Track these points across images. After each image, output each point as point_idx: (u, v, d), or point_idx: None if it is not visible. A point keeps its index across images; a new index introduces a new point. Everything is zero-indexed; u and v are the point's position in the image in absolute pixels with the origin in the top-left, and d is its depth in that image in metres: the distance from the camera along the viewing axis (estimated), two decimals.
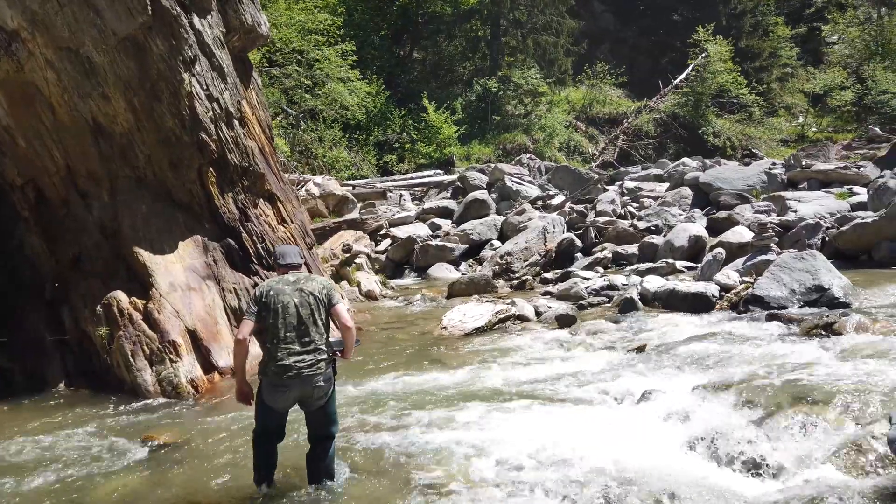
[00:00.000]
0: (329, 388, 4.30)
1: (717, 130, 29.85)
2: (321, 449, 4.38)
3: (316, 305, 4.26)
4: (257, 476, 4.42)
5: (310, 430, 4.41)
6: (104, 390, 7.08)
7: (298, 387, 4.18)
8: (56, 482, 4.81)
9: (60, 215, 7.68)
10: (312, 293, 4.28)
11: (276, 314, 4.20)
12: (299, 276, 4.41)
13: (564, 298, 10.10)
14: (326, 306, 4.31)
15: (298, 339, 4.19)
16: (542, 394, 5.93)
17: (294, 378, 4.14)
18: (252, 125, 8.91)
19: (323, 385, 4.24)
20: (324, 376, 4.24)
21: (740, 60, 31.27)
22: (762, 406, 4.67)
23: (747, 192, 14.96)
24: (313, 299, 4.26)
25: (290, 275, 4.40)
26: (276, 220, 8.95)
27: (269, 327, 4.22)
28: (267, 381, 4.23)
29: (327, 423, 4.37)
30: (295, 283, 4.32)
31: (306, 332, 4.20)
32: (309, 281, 4.37)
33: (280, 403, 4.27)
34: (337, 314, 4.32)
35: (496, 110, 27.75)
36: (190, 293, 7.43)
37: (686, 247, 11.61)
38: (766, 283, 8.21)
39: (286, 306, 4.22)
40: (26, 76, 7.07)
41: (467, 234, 15.20)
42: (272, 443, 4.42)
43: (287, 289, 4.28)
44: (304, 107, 22.13)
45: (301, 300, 4.24)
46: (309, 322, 4.22)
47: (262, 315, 4.24)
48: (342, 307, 4.38)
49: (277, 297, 4.24)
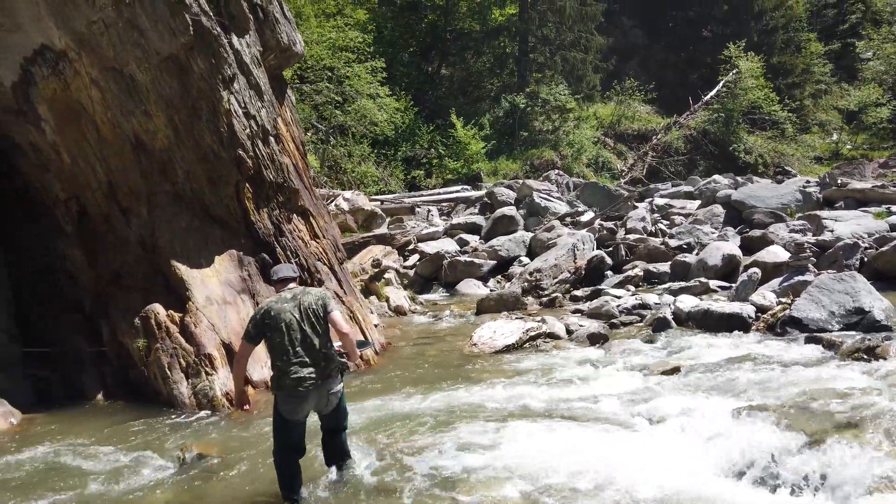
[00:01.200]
0: (339, 392, 4.60)
1: (748, 147, 29.51)
2: (334, 437, 4.73)
3: (316, 317, 4.47)
4: (284, 490, 4.50)
5: (323, 425, 4.72)
6: (140, 402, 7.20)
7: (315, 396, 4.42)
8: (92, 495, 4.88)
9: (102, 230, 7.86)
10: (310, 306, 4.49)
11: (282, 333, 4.39)
12: (295, 291, 4.60)
13: (595, 317, 10.01)
14: (323, 315, 4.49)
15: (307, 352, 4.39)
16: (575, 414, 5.87)
17: (310, 388, 4.37)
18: (287, 142, 9.05)
19: (334, 390, 4.52)
20: (334, 382, 4.52)
21: (772, 77, 30.95)
22: (805, 431, 4.57)
23: (781, 210, 14.73)
24: (311, 312, 4.47)
25: (286, 291, 4.60)
26: (309, 235, 9.05)
27: (277, 346, 4.39)
28: (283, 395, 4.41)
29: (340, 418, 4.70)
30: (293, 300, 4.50)
31: (313, 344, 4.41)
32: (305, 294, 4.56)
33: (298, 414, 4.46)
34: (333, 321, 4.52)
35: (524, 126, 27.81)
36: (226, 307, 7.54)
37: (719, 266, 11.44)
38: (804, 304, 8.05)
39: (289, 324, 4.41)
40: (72, 94, 7.29)
41: (495, 251, 15.16)
42: (294, 459, 4.53)
43: (287, 307, 4.47)
44: (333, 122, 22.43)
45: (302, 315, 4.45)
46: (313, 335, 4.43)
47: (266, 335, 4.44)
48: (337, 314, 4.57)
49: (280, 317, 4.42)
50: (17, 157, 7.73)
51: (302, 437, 4.56)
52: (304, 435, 4.59)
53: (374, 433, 5.71)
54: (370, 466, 4.96)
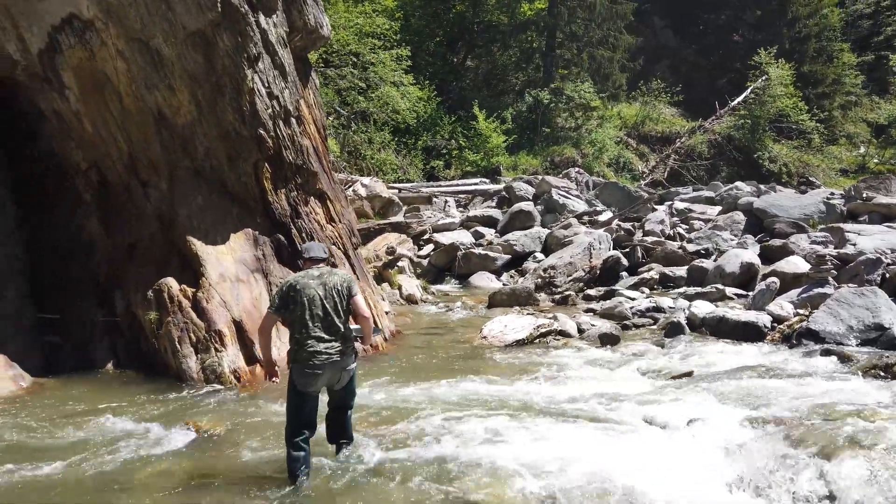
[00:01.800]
0: (352, 370, 4.77)
1: (773, 156, 29.08)
2: (340, 414, 4.87)
3: (338, 297, 4.63)
4: (291, 474, 4.48)
5: (331, 401, 4.85)
6: (150, 374, 7.24)
7: (329, 371, 4.57)
8: (99, 464, 4.90)
9: (120, 201, 7.90)
10: (335, 286, 4.65)
11: (304, 307, 4.54)
12: (322, 270, 4.76)
13: (608, 317, 9.92)
14: (346, 297, 4.66)
15: (326, 328, 4.55)
16: (582, 413, 5.81)
17: (325, 363, 4.53)
18: (308, 124, 9.03)
19: (348, 368, 4.70)
20: (349, 360, 4.69)
21: (802, 85, 30.43)
22: (817, 446, 4.48)
23: (804, 221, 14.51)
24: (336, 292, 4.63)
25: (314, 269, 4.76)
26: (325, 218, 9.04)
27: (298, 319, 4.55)
28: (298, 367, 4.55)
29: (348, 397, 4.87)
30: (319, 278, 4.67)
31: (332, 322, 4.57)
32: (331, 275, 4.72)
33: (312, 387, 4.59)
34: (355, 305, 4.69)
35: (546, 122, 27.59)
36: (238, 285, 7.55)
37: (737, 273, 11.29)
38: (822, 317, 7.92)
39: (312, 299, 4.56)
40: (97, 64, 7.30)
41: (511, 245, 15.10)
42: (305, 441, 4.54)
43: (312, 283, 4.63)
44: (356, 108, 22.39)
45: (325, 293, 4.61)
46: (333, 314, 4.59)
47: (289, 307, 4.58)
48: (360, 299, 4.75)
49: (304, 291, 4.58)
50: (41, 124, 7.77)
51: (314, 413, 4.66)
52: (317, 410, 4.69)
53: (377, 420, 5.69)
54: (370, 454, 4.94)
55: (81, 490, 4.50)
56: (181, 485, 4.60)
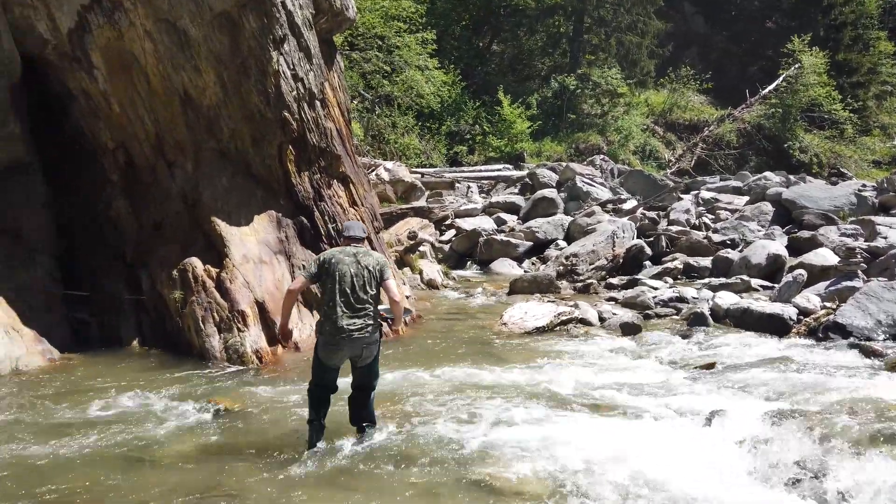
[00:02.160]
0: (375, 349, 4.85)
1: (804, 146, 28.44)
2: (362, 395, 4.96)
3: (369, 278, 4.73)
4: (311, 420, 4.81)
5: (354, 381, 4.95)
6: (174, 352, 7.36)
7: (349, 346, 4.71)
8: (121, 440, 5.00)
9: (147, 182, 7.99)
10: (367, 266, 4.76)
11: (335, 280, 4.69)
12: (359, 249, 4.87)
13: (630, 306, 9.84)
14: (378, 280, 4.76)
15: (352, 304, 4.68)
16: (601, 402, 5.78)
17: (346, 338, 4.66)
18: (332, 107, 9.03)
19: (371, 346, 4.79)
20: (371, 339, 4.78)
21: (836, 74, 29.65)
22: (841, 441, 4.40)
23: (834, 213, 14.20)
24: (367, 272, 4.74)
25: (351, 247, 4.88)
26: (348, 201, 9.06)
27: (328, 291, 4.72)
28: (322, 340, 4.76)
29: (370, 377, 4.95)
30: (354, 256, 4.79)
31: (358, 299, 4.69)
32: (366, 255, 4.84)
33: (333, 360, 4.78)
34: (388, 288, 4.78)
35: (572, 108, 27.30)
36: (261, 266, 7.61)
37: (763, 265, 11.11)
38: (849, 310, 7.76)
39: (343, 275, 4.69)
40: (125, 45, 7.36)
41: (533, 232, 15.02)
42: (325, 395, 4.89)
43: (347, 259, 4.76)
44: (380, 92, 22.34)
45: (357, 271, 4.72)
46: (361, 291, 4.70)
47: (322, 278, 4.76)
48: (392, 283, 4.83)
49: (337, 266, 4.72)
50: (70, 104, 7.87)
51: (334, 379, 4.89)
52: (336, 379, 4.90)
53: (396, 402, 5.72)
54: (389, 435, 4.98)
55: (107, 465, 4.60)
56: (203, 460, 4.68)
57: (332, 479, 4.36)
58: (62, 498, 4.11)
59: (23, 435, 5.04)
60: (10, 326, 6.98)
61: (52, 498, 4.10)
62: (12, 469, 4.47)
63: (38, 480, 4.31)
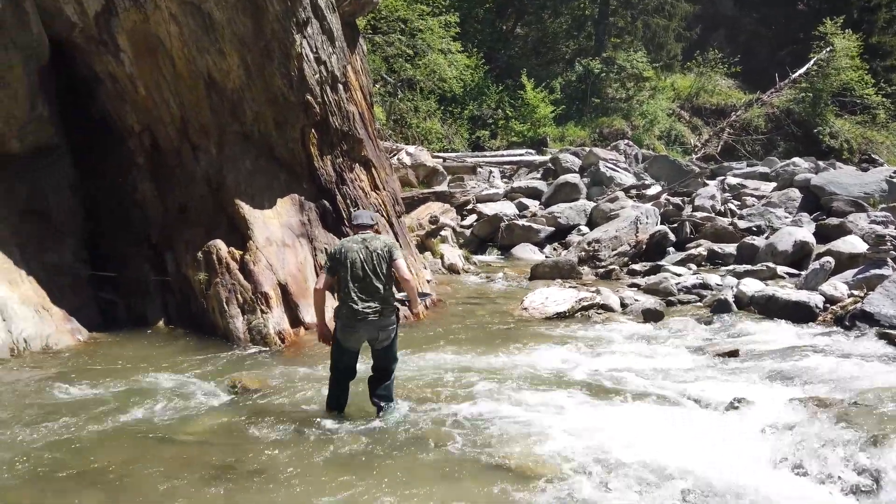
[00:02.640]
0: (392, 332, 5.00)
1: (834, 131, 27.79)
2: (381, 377, 5.11)
3: (378, 261, 4.89)
4: (329, 402, 5.12)
5: (374, 363, 5.13)
6: (199, 333, 7.48)
7: (365, 329, 4.90)
8: (145, 417, 5.11)
9: (172, 165, 8.08)
10: (376, 250, 4.92)
11: (347, 268, 4.89)
12: (367, 235, 5.06)
13: (652, 293, 9.76)
14: (388, 261, 4.91)
15: (365, 289, 4.86)
16: (622, 388, 5.76)
17: (362, 321, 4.85)
18: (355, 91, 9.03)
19: (387, 329, 4.95)
20: (387, 322, 4.94)
21: (869, 58, 28.84)
22: (867, 429, 4.34)
23: (864, 199, 13.89)
24: (376, 255, 4.90)
25: (359, 234, 5.08)
26: (370, 185, 9.08)
27: (341, 279, 4.92)
28: (340, 324, 4.97)
29: (388, 360, 5.09)
30: (363, 242, 4.97)
31: (371, 283, 4.86)
32: (374, 240, 5.01)
33: (350, 343, 4.98)
34: (397, 268, 4.93)
35: (596, 92, 26.96)
36: (284, 249, 7.68)
37: (790, 252, 10.93)
38: (878, 298, 7.61)
39: (354, 262, 4.88)
40: (151, 28, 7.41)
41: (555, 217, 14.93)
42: (344, 378, 5.09)
43: (356, 246, 4.95)
44: (402, 76, 22.27)
45: (366, 256, 4.90)
46: (373, 275, 4.87)
47: (336, 269, 4.94)
48: (402, 262, 4.97)
49: (348, 254, 4.91)
50: (97, 87, 7.97)
51: (351, 362, 5.08)
52: (355, 361, 5.10)
53: (416, 385, 5.76)
54: (408, 417, 5.03)
55: (130, 441, 4.70)
56: (225, 437, 4.77)
57: (352, 460, 4.42)
58: (85, 473, 4.21)
59: (49, 411, 5.17)
60: (40, 305, 7.15)
61: (75, 473, 4.20)
62: (38, 445, 4.59)
63: (62, 456, 4.43)
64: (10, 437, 4.70)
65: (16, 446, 4.54)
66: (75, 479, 4.13)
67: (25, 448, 4.51)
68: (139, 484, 4.05)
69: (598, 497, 3.91)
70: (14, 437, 4.68)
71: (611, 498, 3.91)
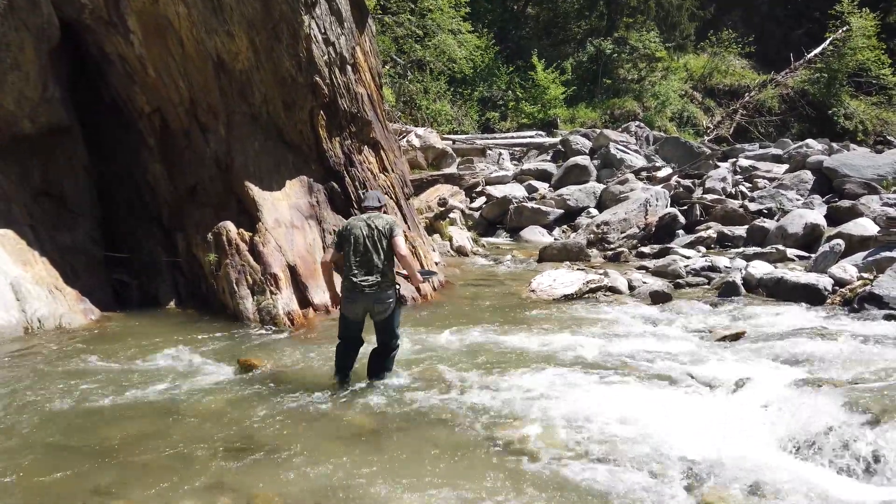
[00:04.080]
0: (390, 305, 5.26)
1: (849, 112, 27.44)
2: (382, 352, 5.43)
3: (379, 237, 5.19)
4: (337, 364, 5.46)
5: (377, 337, 5.42)
6: (209, 313, 7.58)
7: (363, 300, 5.20)
8: (155, 394, 5.20)
9: (182, 146, 8.13)
10: (377, 227, 5.21)
11: (350, 244, 5.21)
12: (372, 214, 5.36)
13: (661, 275, 9.76)
14: (388, 238, 5.19)
15: (364, 263, 5.17)
16: (627, 369, 5.79)
17: (359, 293, 5.17)
18: (363, 72, 9.01)
19: (384, 302, 5.22)
20: (384, 295, 5.21)
21: (887, 37, 28.35)
22: (872, 410, 4.34)
23: (877, 182, 13.73)
24: (377, 233, 5.19)
25: (365, 214, 5.39)
26: (378, 167, 9.10)
27: (346, 254, 5.24)
28: (343, 295, 5.34)
29: (388, 334, 5.36)
30: (367, 220, 5.28)
31: (370, 258, 5.16)
32: (378, 218, 5.29)
33: (351, 313, 5.30)
34: (395, 245, 5.20)
35: (608, 73, 26.73)
36: (293, 230, 7.73)
37: (800, 234, 10.87)
38: (887, 281, 7.58)
39: (356, 238, 5.20)
40: (160, 9, 7.42)
41: (564, 200, 14.91)
42: (349, 347, 5.42)
43: (359, 224, 5.27)
44: (412, 57, 22.16)
45: (368, 233, 5.20)
46: (373, 251, 5.16)
47: (342, 245, 5.27)
48: (400, 239, 5.24)
49: (352, 231, 5.25)
50: (107, 69, 8.00)
51: (355, 332, 5.39)
52: (359, 332, 5.41)
53: (424, 365, 5.82)
54: (416, 396, 5.10)
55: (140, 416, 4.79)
56: (234, 414, 4.84)
57: (361, 438, 4.49)
58: (96, 447, 4.30)
59: (62, 387, 5.28)
60: (54, 285, 7.26)
61: (87, 448, 4.29)
62: (50, 419, 4.70)
63: (74, 432, 4.52)
64: (22, 413, 4.80)
65: (26, 423, 4.64)
66: (87, 454, 4.22)
67: (37, 424, 4.62)
68: (150, 459, 4.14)
69: (602, 475, 3.95)
70: (24, 414, 4.79)
71: (615, 476, 3.96)
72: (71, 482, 3.86)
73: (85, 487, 3.79)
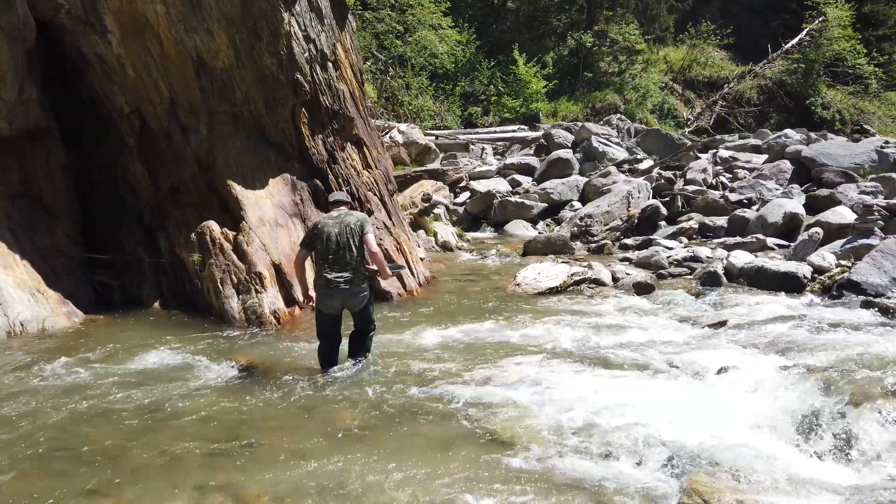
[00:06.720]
0: (364, 298, 5.48)
1: (826, 102, 27.81)
2: (361, 335, 5.69)
3: (351, 234, 5.36)
4: (321, 360, 5.60)
5: (354, 323, 5.67)
6: (194, 313, 7.55)
7: (339, 296, 5.38)
8: (142, 395, 5.16)
9: (162, 146, 8.07)
10: (349, 225, 5.38)
11: (323, 242, 5.39)
12: (342, 211, 5.55)
13: (644, 266, 9.86)
14: (359, 235, 5.37)
15: (337, 261, 5.34)
16: (611, 359, 5.86)
17: (335, 289, 5.34)
18: (345, 69, 8.99)
19: (358, 296, 5.43)
20: (358, 289, 5.41)
21: (861, 27, 28.78)
22: (850, 394, 4.45)
23: (854, 170, 13.97)
24: (349, 230, 5.36)
25: (334, 211, 5.56)
26: (362, 164, 9.09)
27: (319, 252, 5.42)
28: (318, 292, 5.49)
29: (364, 321, 5.63)
30: (337, 218, 5.45)
31: (343, 255, 5.34)
32: (348, 215, 5.47)
33: (327, 308, 5.46)
34: (366, 241, 5.38)
35: (588, 67, 26.86)
36: (277, 229, 7.72)
37: (780, 223, 11.04)
38: (864, 268, 7.72)
39: (329, 236, 5.36)
40: (138, 8, 7.36)
41: (547, 193, 14.99)
42: (329, 342, 5.59)
43: (330, 222, 5.44)
44: (393, 53, 22.12)
45: (340, 230, 5.37)
46: (345, 248, 5.34)
47: (314, 244, 5.45)
48: (371, 237, 5.42)
49: (324, 230, 5.41)
50: (85, 69, 7.92)
51: (332, 328, 5.57)
52: (336, 327, 5.60)
53: (409, 359, 5.85)
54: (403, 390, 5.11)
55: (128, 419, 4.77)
56: (222, 413, 4.84)
57: (348, 432, 4.51)
58: (84, 448, 4.28)
59: (48, 391, 5.24)
60: (35, 289, 7.19)
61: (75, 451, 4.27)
62: (35, 424, 4.66)
63: (62, 435, 4.49)
64: (9, 417, 4.77)
65: (15, 427, 4.61)
66: (76, 456, 4.20)
67: (25, 428, 4.58)
68: (139, 461, 4.13)
69: (586, 464, 4.01)
70: (12, 418, 4.76)
71: (599, 464, 4.02)
72: (61, 483, 3.84)
73: (75, 488, 3.78)
